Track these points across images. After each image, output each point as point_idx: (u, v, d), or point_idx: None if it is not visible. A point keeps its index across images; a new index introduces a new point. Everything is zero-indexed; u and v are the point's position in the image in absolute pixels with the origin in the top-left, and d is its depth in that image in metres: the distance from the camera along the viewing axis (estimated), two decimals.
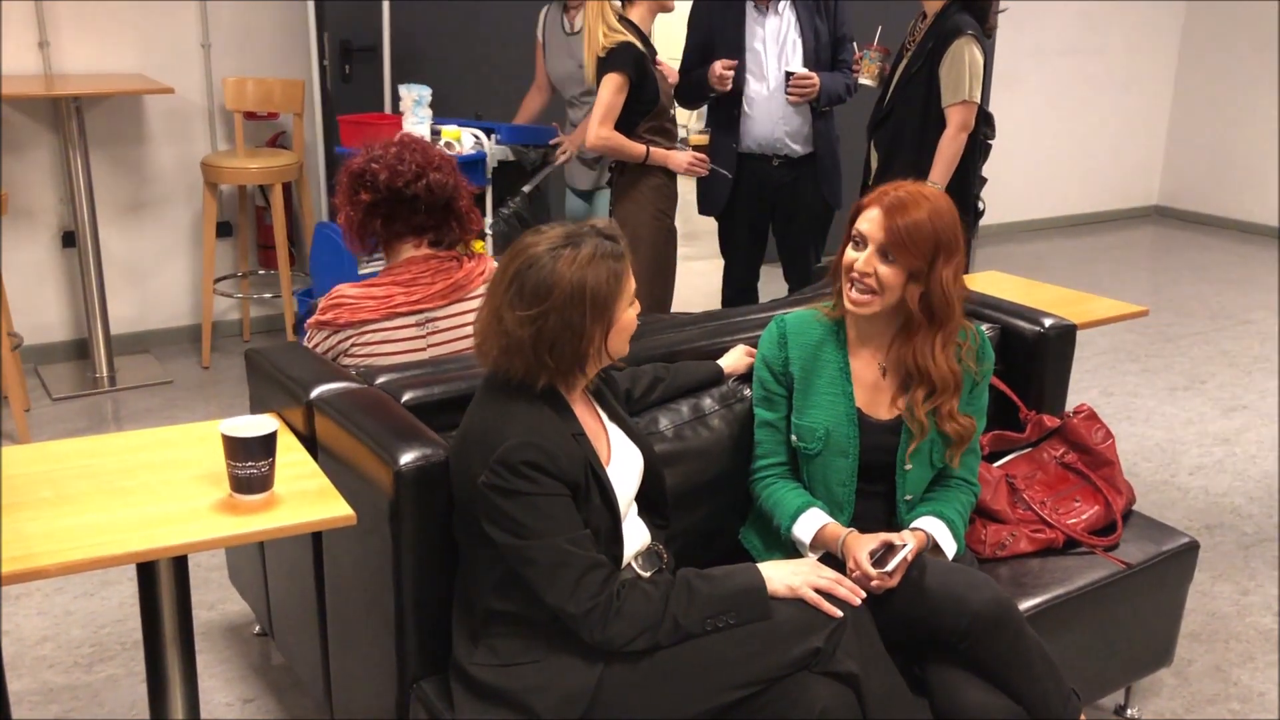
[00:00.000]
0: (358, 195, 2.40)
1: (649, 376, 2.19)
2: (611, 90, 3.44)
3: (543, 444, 1.67)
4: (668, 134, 3.62)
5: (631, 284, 1.76)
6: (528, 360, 1.69)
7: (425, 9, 4.70)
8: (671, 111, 3.64)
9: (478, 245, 3.68)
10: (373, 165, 2.38)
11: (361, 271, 3.53)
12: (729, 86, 3.66)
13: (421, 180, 2.37)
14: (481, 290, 2.45)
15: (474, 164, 3.95)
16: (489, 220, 3.95)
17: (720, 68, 3.63)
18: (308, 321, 2.46)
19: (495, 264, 2.52)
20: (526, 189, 4.07)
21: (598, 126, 3.47)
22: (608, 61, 3.43)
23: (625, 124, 3.50)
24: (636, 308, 1.80)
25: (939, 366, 2.01)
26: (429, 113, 3.92)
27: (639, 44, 3.45)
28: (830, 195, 3.82)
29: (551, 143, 4.17)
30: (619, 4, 3.48)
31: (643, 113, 3.51)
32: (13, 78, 4.12)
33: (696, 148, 3.74)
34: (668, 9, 3.58)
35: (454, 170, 2.45)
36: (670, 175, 3.63)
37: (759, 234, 3.94)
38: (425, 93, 3.87)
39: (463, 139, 3.95)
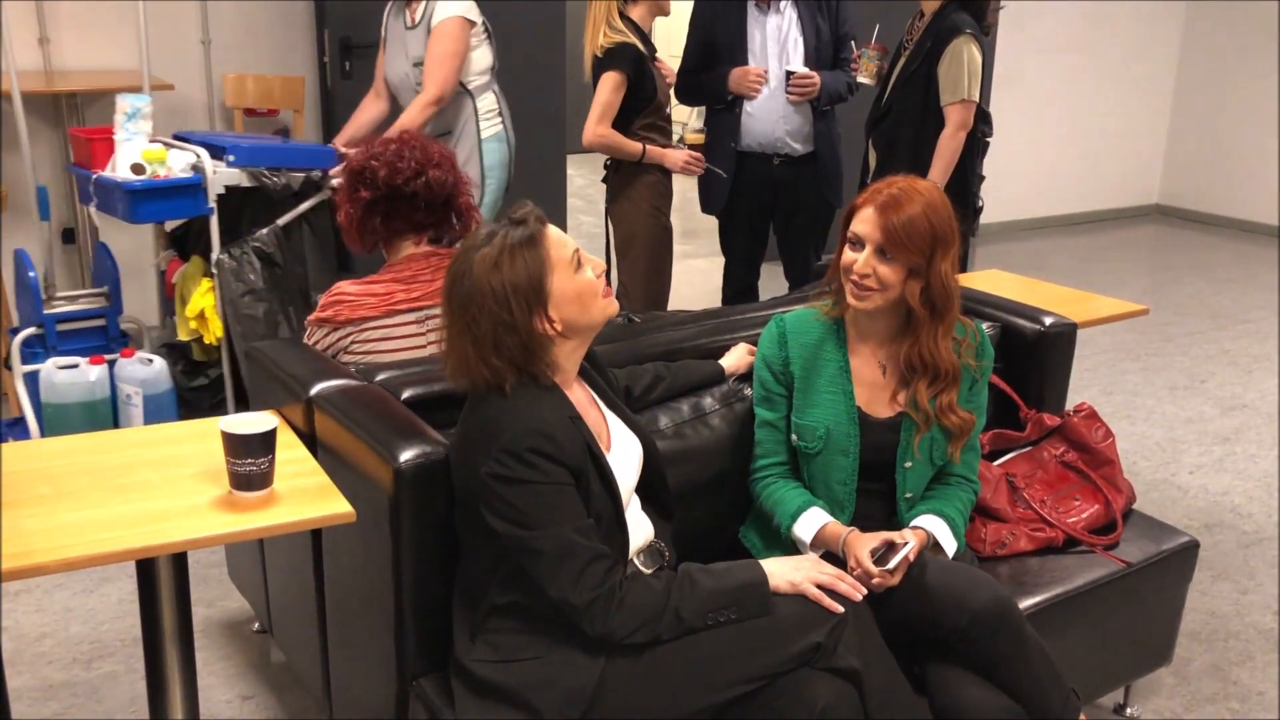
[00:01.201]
0: (357, 193, 2.41)
1: (650, 375, 2.19)
2: (609, 89, 3.45)
3: (546, 430, 1.66)
4: (662, 131, 3.63)
5: (563, 251, 1.73)
6: (479, 368, 1.70)
7: None
8: (667, 110, 3.64)
9: (204, 284, 3.35)
10: (372, 162, 2.38)
11: (47, 312, 3.30)
12: (757, 96, 3.66)
13: (421, 177, 2.37)
14: None
15: (190, 189, 3.27)
16: (214, 255, 3.33)
17: (754, 75, 3.63)
18: (308, 319, 2.46)
19: None
20: (282, 222, 3.37)
21: (595, 125, 3.48)
22: (605, 61, 3.45)
23: (621, 122, 3.52)
24: (596, 266, 1.78)
25: (942, 356, 2.01)
26: (146, 125, 3.26)
27: (639, 43, 3.46)
28: (831, 194, 3.82)
29: (330, 171, 3.42)
30: (620, 3, 3.48)
31: (638, 110, 3.52)
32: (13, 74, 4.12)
33: (692, 146, 3.74)
34: (664, 12, 3.59)
35: (454, 168, 2.45)
36: (665, 172, 3.63)
37: (759, 232, 3.94)
38: (143, 104, 3.24)
39: (170, 160, 3.25)
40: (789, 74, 3.64)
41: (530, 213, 1.75)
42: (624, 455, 1.85)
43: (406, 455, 1.77)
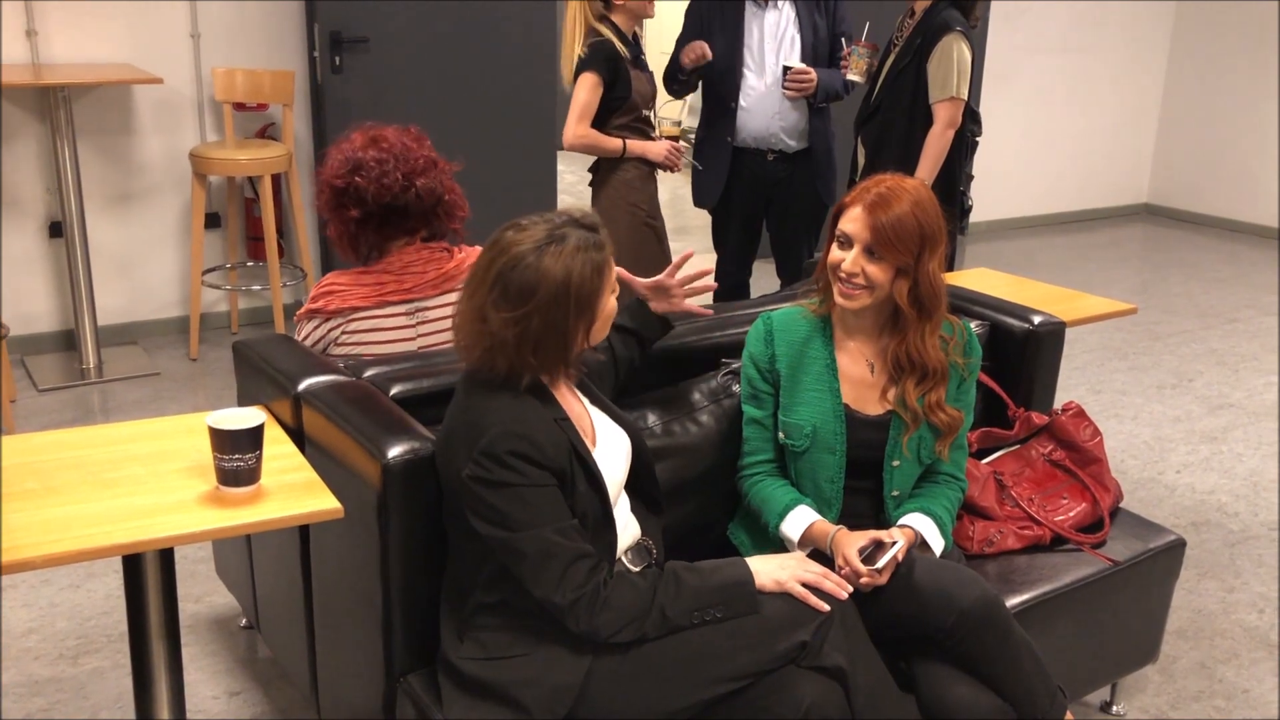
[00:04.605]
0: (346, 212, 2.38)
1: (608, 363, 2.12)
2: (586, 89, 3.47)
3: (527, 433, 1.66)
4: (641, 132, 3.62)
5: (613, 273, 1.76)
6: (511, 360, 1.69)
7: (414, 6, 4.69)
8: (645, 112, 3.63)
9: None
10: (357, 180, 2.35)
11: None
12: (696, 63, 3.63)
13: (410, 190, 2.35)
14: None
15: None
16: None
17: (697, 46, 3.61)
18: (298, 314, 2.45)
19: None
20: None
21: (574, 125, 3.50)
22: (582, 62, 3.47)
23: (598, 120, 3.54)
24: (617, 291, 1.80)
25: (930, 355, 2.01)
26: None
27: (617, 44, 3.46)
28: (824, 191, 3.83)
29: None
30: (600, 6, 3.49)
31: (614, 109, 3.54)
32: (1, 66, 4.10)
33: (671, 139, 3.74)
34: (647, 14, 3.59)
35: (436, 168, 2.42)
36: (645, 169, 3.62)
37: (752, 229, 3.95)
38: None
39: None
40: (786, 69, 3.65)
41: (597, 222, 1.74)
42: (610, 450, 1.85)
43: (394, 451, 1.76)
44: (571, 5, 3.49)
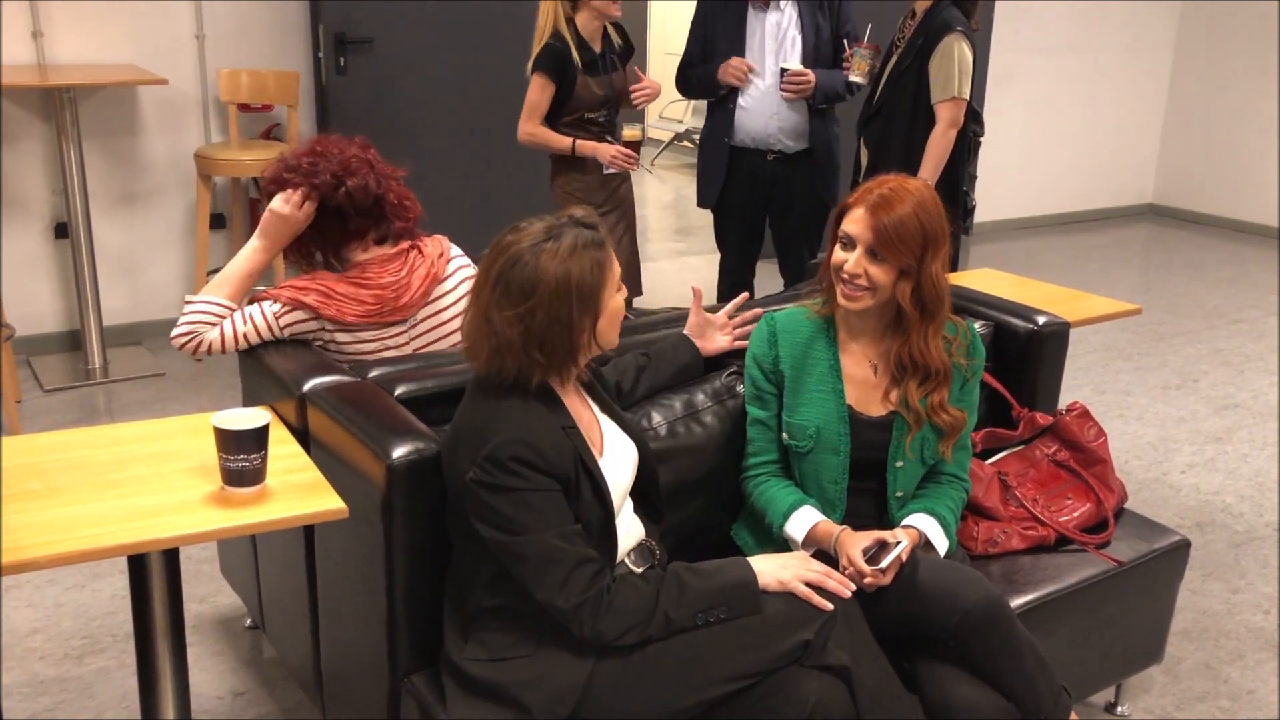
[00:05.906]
0: None
1: (633, 368, 2.18)
2: (535, 90, 3.60)
3: (531, 440, 1.66)
4: (589, 132, 3.68)
5: (616, 270, 1.76)
6: (519, 359, 1.69)
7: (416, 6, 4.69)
8: (591, 114, 3.67)
9: None
10: (287, 177, 2.34)
11: None
12: (741, 82, 3.71)
13: (340, 189, 2.33)
14: (450, 271, 2.45)
15: None
16: None
17: (735, 64, 3.67)
18: (277, 290, 2.34)
19: (449, 243, 2.50)
20: None
21: (523, 123, 3.64)
22: (533, 63, 3.57)
23: (548, 118, 3.65)
24: (624, 292, 1.80)
25: (932, 356, 2.01)
26: None
27: (572, 47, 3.53)
28: (825, 192, 3.83)
29: None
30: (569, 7, 3.55)
31: (556, 109, 3.63)
32: (6, 68, 4.11)
33: (626, 143, 3.77)
34: (610, 15, 3.62)
35: (371, 169, 2.38)
36: (594, 165, 3.69)
37: (754, 229, 3.96)
38: None
39: None
40: (783, 71, 3.65)
41: (597, 221, 1.76)
42: (617, 459, 1.85)
43: (399, 452, 1.77)
44: (544, 5, 3.57)
